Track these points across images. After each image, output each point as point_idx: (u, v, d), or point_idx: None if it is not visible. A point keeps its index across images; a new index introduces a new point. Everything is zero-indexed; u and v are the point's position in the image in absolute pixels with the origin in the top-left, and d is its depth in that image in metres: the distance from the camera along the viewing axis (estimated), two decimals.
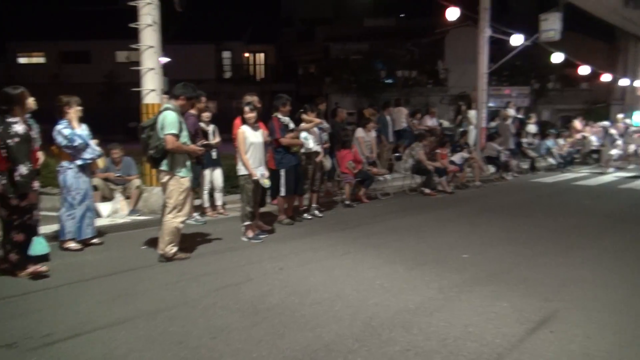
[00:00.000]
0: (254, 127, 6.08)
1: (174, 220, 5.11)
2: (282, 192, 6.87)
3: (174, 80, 8.10)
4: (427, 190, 9.78)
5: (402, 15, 34.71)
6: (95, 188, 6.49)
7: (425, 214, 8.01)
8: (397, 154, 10.87)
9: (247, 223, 6.03)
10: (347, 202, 8.50)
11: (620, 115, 22.32)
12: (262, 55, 33.26)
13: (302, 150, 7.26)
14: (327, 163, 8.21)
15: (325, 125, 8.33)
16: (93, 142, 5.64)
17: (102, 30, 27.33)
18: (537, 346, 3.29)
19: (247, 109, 6.03)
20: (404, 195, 9.85)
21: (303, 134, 7.25)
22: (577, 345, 3.31)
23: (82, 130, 5.54)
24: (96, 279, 4.61)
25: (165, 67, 7.61)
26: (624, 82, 22.09)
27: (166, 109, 5.11)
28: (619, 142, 14.57)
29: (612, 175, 13.15)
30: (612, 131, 14.63)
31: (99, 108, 20.70)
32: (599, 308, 3.94)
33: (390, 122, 11.81)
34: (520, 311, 3.85)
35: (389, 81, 24.71)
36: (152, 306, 3.94)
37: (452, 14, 12.51)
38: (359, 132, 9.46)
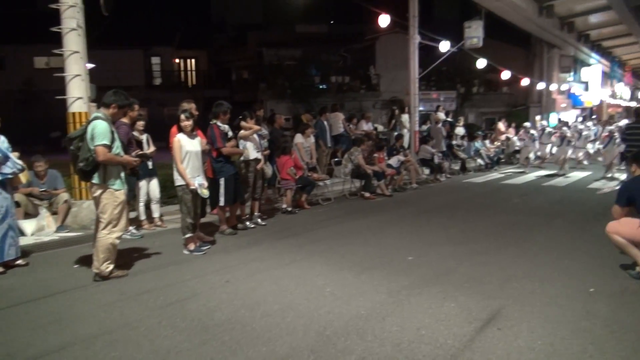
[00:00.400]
0: (191, 135, 5.85)
1: (109, 236, 4.79)
2: (222, 201, 6.67)
3: (101, 88, 7.68)
4: (367, 194, 9.89)
5: (332, 22, 35.21)
6: (17, 204, 5.98)
7: (367, 217, 8.08)
8: (336, 159, 10.92)
9: (188, 235, 5.78)
10: (289, 209, 8.41)
11: (538, 117, 23.92)
12: (193, 60, 32.43)
13: (242, 158, 7.09)
14: (268, 170, 8.09)
15: (264, 131, 8.22)
16: (13, 155, 5.19)
17: (17, 34, 25.48)
18: (487, 344, 3.37)
19: (183, 116, 5.80)
20: (345, 199, 9.91)
21: (242, 142, 7.09)
22: (523, 340, 3.42)
23: (0, 142, 5.08)
24: (25, 304, 4.21)
25: (90, 73, 7.17)
26: (540, 85, 23.68)
27: (96, 118, 4.78)
28: (537, 142, 15.52)
29: (533, 174, 13.97)
30: (532, 132, 15.55)
31: (17, 118, 19.22)
32: (539, 302, 4.11)
33: (328, 127, 11.86)
34: (467, 310, 3.94)
35: (323, 87, 24.91)
36: (90, 330, 3.65)
37: (384, 20, 12.80)
38: (298, 138, 9.41)
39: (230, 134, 6.79)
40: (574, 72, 28.03)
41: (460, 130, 15.85)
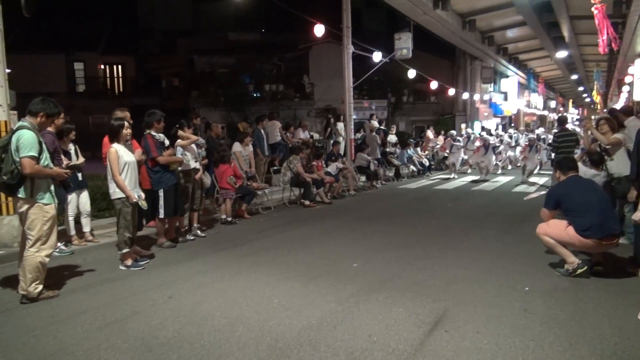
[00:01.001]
0: (127, 146, 5.57)
1: (37, 254, 4.42)
2: (161, 213, 6.39)
3: (19, 95, 7.14)
4: (306, 202, 9.90)
5: (264, 30, 35.12)
6: None
7: (309, 225, 8.08)
8: (274, 167, 10.85)
9: (125, 250, 5.47)
10: (229, 219, 8.23)
11: (463, 125, 25.17)
12: (119, 67, 31.06)
13: (180, 168, 6.85)
14: (207, 180, 7.88)
15: (202, 140, 8.01)
16: None
17: None
18: (436, 347, 3.45)
19: (116, 124, 5.51)
20: (285, 208, 9.86)
21: (180, 151, 6.85)
22: (469, 341, 3.53)
23: None
24: None
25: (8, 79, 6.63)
26: (465, 95, 24.95)
27: (21, 127, 4.42)
28: (462, 149, 16.28)
29: (461, 180, 14.64)
30: (457, 140, 16.29)
31: None
32: (480, 303, 4.27)
33: (265, 136, 11.78)
34: (415, 314, 4.02)
35: (257, 95, 24.72)
36: (21, 358, 3.33)
37: (318, 30, 12.94)
38: (237, 147, 9.27)
39: (167, 142, 6.53)
40: (494, 83, 29.84)
41: (392, 138, 16.34)
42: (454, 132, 17.43)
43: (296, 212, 9.50)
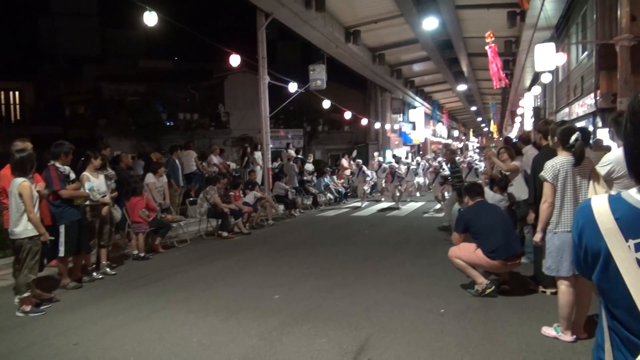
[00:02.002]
0: (31, 179, 5.14)
1: None
2: (61, 251, 5.88)
3: None
4: (224, 233, 9.67)
5: (176, 58, 34.51)
6: None
7: (228, 258, 7.87)
8: (190, 199, 10.52)
9: (25, 294, 4.96)
10: (142, 254, 7.79)
11: (375, 153, 26.15)
12: (16, 93, 28.81)
13: (87, 202, 6.41)
14: (117, 214, 7.45)
15: (111, 172, 7.60)
16: None
17: None
18: None
19: (25, 156, 5.08)
20: (202, 240, 9.55)
21: (88, 184, 6.43)
22: None
23: None
24: None
25: None
26: (376, 125, 26.05)
27: None
28: (370, 177, 16.81)
29: (375, 207, 15.11)
30: (364, 169, 16.65)
31: None
32: (400, 328, 4.37)
33: (180, 166, 11.42)
34: (339, 344, 4.02)
35: (171, 124, 24.05)
36: None
37: (234, 60, 12.92)
38: (150, 178, 8.90)
39: (72, 176, 6.11)
40: (403, 113, 31.51)
41: (309, 167, 16.56)
42: (359, 161, 17.62)
43: (214, 244, 9.24)
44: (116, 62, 29.49)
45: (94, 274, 6.57)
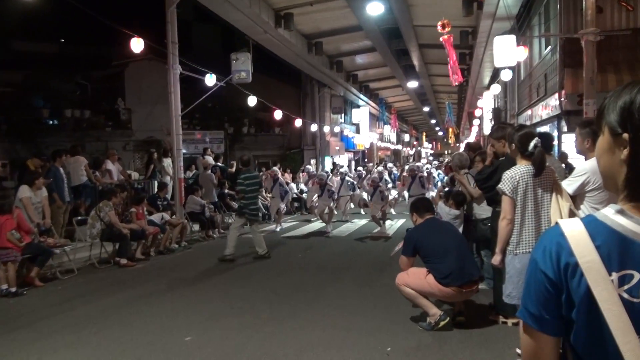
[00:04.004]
0: None
1: None
2: None
3: None
4: (123, 261, 9.39)
5: (63, 40, 33.24)
6: None
7: (127, 291, 7.63)
8: (79, 217, 10.12)
9: None
10: (12, 290, 7.39)
11: (313, 161, 26.42)
12: None
13: None
14: None
15: None
16: None
17: None
18: None
19: None
20: (94, 269, 9.20)
21: None
22: None
23: None
24: None
25: None
26: (313, 127, 26.30)
27: None
28: (288, 192, 16.61)
29: (312, 225, 15.20)
30: (281, 180, 16.33)
31: None
32: None
33: (65, 176, 10.97)
34: None
35: (54, 122, 23.13)
36: None
37: (137, 46, 12.57)
38: (24, 192, 8.54)
39: None
40: (345, 113, 32.11)
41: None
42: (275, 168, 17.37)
43: (109, 274, 8.93)
44: None
45: None
